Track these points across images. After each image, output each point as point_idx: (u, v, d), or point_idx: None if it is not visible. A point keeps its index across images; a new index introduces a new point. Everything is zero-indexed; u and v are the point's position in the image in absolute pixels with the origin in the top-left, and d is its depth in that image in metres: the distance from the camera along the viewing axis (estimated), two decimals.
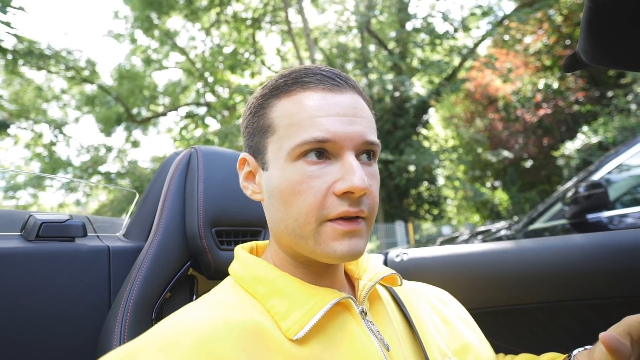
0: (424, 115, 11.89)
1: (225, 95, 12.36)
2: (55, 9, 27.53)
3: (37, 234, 0.61)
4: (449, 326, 0.59)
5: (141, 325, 0.57)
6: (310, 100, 0.45)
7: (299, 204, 0.43)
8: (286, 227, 0.45)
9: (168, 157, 0.80)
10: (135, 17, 11.44)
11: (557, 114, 11.07)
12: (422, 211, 12.78)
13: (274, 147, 0.46)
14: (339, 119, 0.44)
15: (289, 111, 0.45)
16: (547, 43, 11.48)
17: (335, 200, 0.43)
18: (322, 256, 0.44)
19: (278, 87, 0.47)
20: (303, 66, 0.48)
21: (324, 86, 0.46)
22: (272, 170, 0.46)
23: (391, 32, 11.87)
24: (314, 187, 0.43)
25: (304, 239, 0.44)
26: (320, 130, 0.43)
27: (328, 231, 0.43)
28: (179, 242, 0.69)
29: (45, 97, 11.76)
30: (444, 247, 1.01)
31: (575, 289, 0.83)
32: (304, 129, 0.43)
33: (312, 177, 0.43)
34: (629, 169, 1.78)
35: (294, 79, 0.47)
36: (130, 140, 13.44)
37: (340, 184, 0.43)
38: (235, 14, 11.68)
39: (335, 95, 0.45)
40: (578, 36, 0.53)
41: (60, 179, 12.11)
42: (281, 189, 0.45)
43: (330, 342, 0.43)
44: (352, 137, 0.44)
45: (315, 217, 0.43)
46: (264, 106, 0.48)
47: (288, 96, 0.46)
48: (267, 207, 0.49)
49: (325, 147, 0.43)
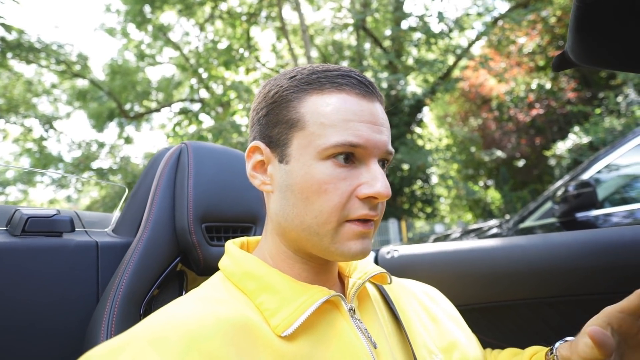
0: (418, 114, 11.94)
1: (219, 91, 12.28)
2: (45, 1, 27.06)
3: (23, 228, 0.60)
4: (437, 323, 0.59)
5: (129, 321, 0.57)
6: (345, 103, 0.45)
7: (323, 202, 0.44)
8: (302, 222, 0.45)
9: (158, 152, 0.79)
10: (128, 11, 11.29)
11: (549, 114, 11.20)
12: (416, 209, 12.85)
13: (302, 142, 0.45)
14: (370, 127, 0.45)
15: (322, 110, 0.45)
16: (540, 44, 11.59)
17: (357, 203, 0.45)
18: (334, 254, 0.45)
19: (310, 82, 0.47)
20: (337, 66, 0.48)
21: (358, 91, 0.46)
22: (294, 164, 0.46)
23: (386, 30, 11.88)
24: (339, 189, 0.44)
25: (319, 236, 0.45)
26: (354, 136, 0.44)
27: (346, 231, 0.45)
28: (168, 237, 0.68)
29: (35, 91, 11.57)
30: (434, 245, 1.02)
31: (560, 285, 0.84)
32: (338, 131, 0.44)
33: (339, 178, 0.44)
34: (617, 169, 1.81)
35: (327, 77, 0.47)
36: (123, 136, 13.31)
37: (365, 189, 0.44)
38: (230, 10, 11.59)
39: (367, 103, 0.46)
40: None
41: (50, 174, 11.94)
42: (304, 185, 0.45)
43: (318, 340, 0.44)
44: (379, 145, 0.46)
45: (337, 217, 0.44)
46: (292, 99, 0.47)
47: (320, 94, 0.46)
48: (277, 200, 0.48)
49: (355, 150, 0.44)
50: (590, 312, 0.85)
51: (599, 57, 0.53)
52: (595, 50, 0.52)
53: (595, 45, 0.51)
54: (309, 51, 8.99)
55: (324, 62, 2.47)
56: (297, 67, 0.50)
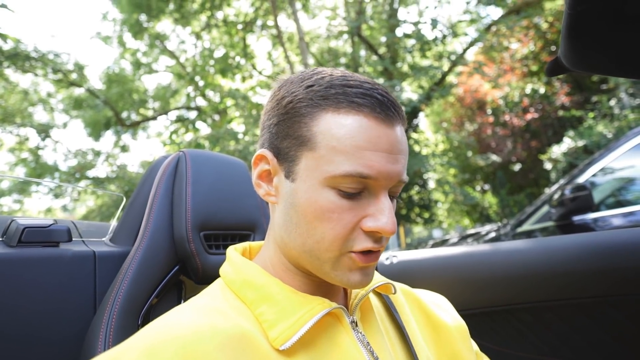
0: (414, 120, 12.01)
1: (215, 99, 12.31)
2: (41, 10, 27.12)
3: (20, 239, 0.60)
4: (440, 333, 0.58)
5: (127, 332, 0.56)
6: (361, 128, 0.41)
7: (326, 231, 0.42)
8: (303, 244, 0.44)
9: (156, 160, 0.79)
10: (124, 19, 11.34)
11: (544, 118, 11.30)
12: (413, 215, 12.85)
13: (310, 164, 0.43)
14: (385, 157, 0.42)
15: (335, 133, 0.42)
16: (533, 49, 11.74)
17: (361, 235, 0.43)
18: (334, 280, 0.45)
19: (327, 98, 0.43)
20: (357, 80, 0.44)
21: (377, 115, 0.42)
22: (299, 184, 0.44)
23: (382, 38, 12.00)
24: (344, 219, 0.42)
25: (320, 261, 0.44)
26: (365, 167, 0.41)
27: (347, 262, 0.43)
28: (166, 246, 0.68)
29: (31, 100, 11.54)
30: (433, 250, 1.02)
31: (558, 289, 0.84)
32: (348, 159, 0.41)
33: (345, 208, 0.42)
34: (612, 172, 1.83)
35: (346, 94, 0.42)
36: (119, 145, 13.27)
37: (370, 222, 0.42)
38: (226, 18, 11.67)
39: (386, 128, 0.42)
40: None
41: (47, 184, 11.86)
42: (308, 209, 0.43)
43: (318, 354, 0.43)
44: (392, 176, 0.43)
45: (339, 247, 0.43)
46: (305, 113, 0.43)
47: (337, 112, 0.42)
48: (281, 214, 0.47)
49: (365, 183, 0.42)
50: (590, 316, 0.86)
51: (591, 62, 0.54)
52: (586, 56, 0.53)
53: (586, 51, 0.52)
54: (305, 59, 9.05)
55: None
56: (315, 71, 0.46)
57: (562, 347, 0.86)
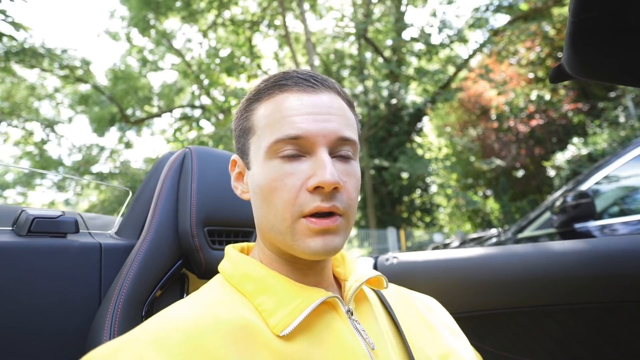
0: (418, 124, 12.01)
1: (220, 98, 12.36)
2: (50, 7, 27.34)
3: (29, 229, 0.61)
4: (434, 332, 0.59)
5: (131, 322, 0.58)
6: (286, 102, 0.47)
7: (277, 200, 0.45)
8: (267, 222, 0.47)
9: (162, 156, 0.81)
10: (132, 17, 11.41)
11: (548, 125, 11.26)
12: (415, 218, 12.84)
13: (255, 147, 0.49)
14: (312, 117, 0.46)
15: (267, 113, 0.48)
16: (540, 55, 11.71)
17: (308, 196, 0.44)
18: (298, 251, 0.46)
19: (260, 92, 0.50)
20: (282, 71, 0.51)
21: (299, 88, 0.48)
22: (254, 169, 0.49)
23: (388, 40, 12.01)
24: (288, 184, 0.45)
25: (282, 234, 0.46)
26: (292, 128, 0.45)
27: (302, 228, 0.45)
28: (170, 240, 0.69)
29: (38, 95, 11.63)
30: (433, 252, 1.02)
31: (557, 294, 0.85)
32: (278, 127, 0.46)
33: (286, 174, 0.45)
34: (616, 180, 1.83)
35: (273, 82, 0.49)
36: (123, 141, 13.35)
37: (311, 180, 0.44)
38: (233, 17, 11.72)
39: (310, 96, 0.47)
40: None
41: (52, 177, 11.93)
42: (262, 186, 0.47)
43: (316, 340, 0.44)
44: (324, 133, 0.45)
45: (290, 212, 0.45)
46: (248, 110, 0.51)
47: (268, 99, 0.49)
48: (253, 205, 0.51)
49: (297, 144, 0.45)
50: (588, 321, 0.86)
51: (594, 70, 0.55)
52: (589, 63, 0.53)
53: (589, 59, 0.53)
54: (312, 59, 9.07)
55: (325, 70, 2.51)
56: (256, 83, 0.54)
57: (559, 352, 0.86)
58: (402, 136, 11.17)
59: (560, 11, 9.93)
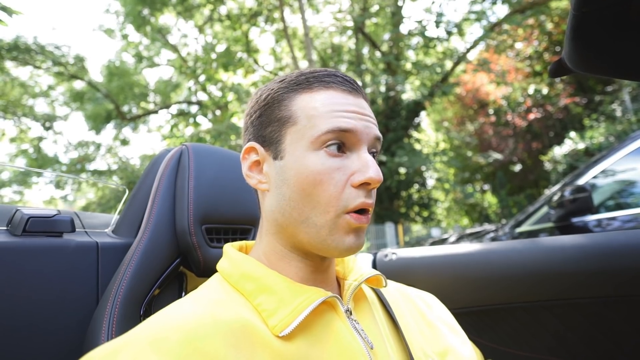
0: (416, 118, 11.99)
1: (217, 93, 12.29)
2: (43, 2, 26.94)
3: (24, 228, 0.61)
4: (433, 330, 0.60)
5: (129, 322, 0.57)
6: (333, 98, 0.48)
7: (320, 193, 0.45)
8: (300, 214, 0.46)
9: (159, 153, 0.80)
10: (127, 12, 11.29)
11: (546, 119, 11.28)
12: (412, 213, 12.87)
13: (294, 137, 0.47)
14: (358, 117, 0.48)
15: (311, 105, 0.48)
16: (537, 49, 11.69)
17: (353, 192, 0.45)
18: (330, 247, 0.46)
19: (299, 83, 0.50)
20: (322, 69, 0.51)
21: (345, 88, 0.49)
22: (288, 159, 0.47)
23: (385, 35, 11.95)
24: (334, 178, 0.45)
25: (317, 227, 0.45)
26: (345, 122, 0.46)
27: (343, 224, 0.45)
28: (168, 238, 0.69)
29: (32, 92, 11.52)
30: (432, 248, 1.02)
31: (555, 289, 0.85)
32: (327, 120, 0.46)
33: (333, 168, 0.45)
34: (613, 174, 1.83)
35: (315, 77, 0.50)
36: (120, 138, 13.26)
37: (358, 176, 0.45)
38: (229, 12, 11.62)
39: (353, 97, 0.49)
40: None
41: (48, 175, 11.86)
42: (300, 177, 0.46)
43: (316, 340, 0.44)
44: (367, 132, 0.47)
45: (334, 207, 0.45)
46: (283, 99, 0.50)
47: (309, 92, 0.49)
48: (273, 197, 0.49)
49: (345, 138, 0.46)
50: (587, 316, 0.86)
51: (594, 64, 0.54)
52: (590, 57, 0.53)
53: (590, 53, 0.52)
54: (310, 54, 9.02)
55: (323, 65, 2.53)
56: (286, 74, 0.54)
57: (557, 346, 0.87)
58: (400, 131, 11.16)
59: (558, 4, 9.90)
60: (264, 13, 11.39)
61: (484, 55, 11.58)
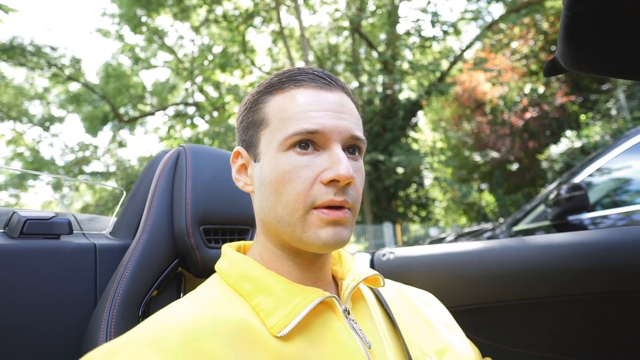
0: (413, 118, 12.02)
1: (214, 95, 12.26)
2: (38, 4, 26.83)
3: (21, 231, 0.60)
4: (431, 328, 0.60)
5: (128, 323, 0.57)
6: (302, 97, 0.48)
7: (289, 191, 0.45)
8: (275, 214, 0.47)
9: (156, 155, 0.80)
10: (123, 14, 11.25)
11: (542, 118, 11.32)
12: (410, 213, 12.89)
13: (267, 139, 0.48)
14: (328, 114, 0.47)
15: (282, 106, 0.48)
16: (533, 48, 11.75)
17: (322, 189, 0.45)
18: (307, 243, 0.46)
19: (272, 85, 0.50)
20: (296, 67, 0.52)
21: (316, 84, 0.49)
22: (264, 160, 0.49)
23: (381, 35, 11.97)
24: (302, 176, 0.45)
25: (291, 226, 0.46)
26: (310, 123, 0.46)
27: (314, 219, 0.45)
28: (166, 240, 0.69)
29: (28, 94, 11.45)
30: (430, 247, 1.03)
31: (552, 286, 0.86)
32: (295, 121, 0.46)
33: (301, 166, 0.46)
34: (608, 172, 1.84)
35: (287, 77, 0.50)
36: (117, 140, 13.21)
37: (327, 173, 0.45)
38: (225, 13, 11.60)
39: (325, 93, 0.49)
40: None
41: (45, 178, 11.80)
42: (272, 178, 0.47)
43: (314, 340, 0.44)
44: (339, 130, 0.47)
45: (302, 204, 0.45)
46: (259, 102, 0.51)
47: (282, 93, 0.49)
48: (257, 197, 0.51)
49: (313, 138, 0.46)
50: (583, 312, 0.87)
51: (587, 63, 0.55)
52: (583, 56, 0.53)
53: (583, 52, 0.52)
54: (306, 54, 9.02)
55: (319, 66, 2.52)
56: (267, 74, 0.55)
57: (554, 343, 0.87)
58: (397, 131, 11.18)
59: (553, 4, 9.95)
60: (261, 14, 11.38)
61: (480, 55, 11.62)
